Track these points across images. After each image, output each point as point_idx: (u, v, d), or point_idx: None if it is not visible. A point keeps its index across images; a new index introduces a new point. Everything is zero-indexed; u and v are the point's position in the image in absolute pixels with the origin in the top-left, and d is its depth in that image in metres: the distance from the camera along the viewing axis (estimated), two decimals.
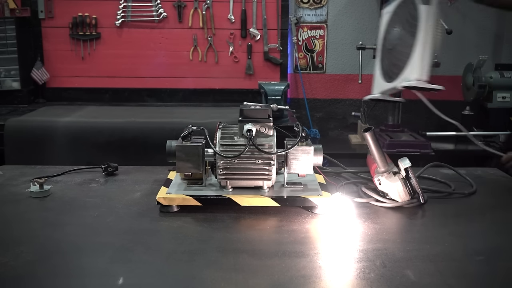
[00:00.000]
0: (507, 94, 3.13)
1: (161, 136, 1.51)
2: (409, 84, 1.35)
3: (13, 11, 3.28)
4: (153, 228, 1.16)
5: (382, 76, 1.51)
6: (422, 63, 1.35)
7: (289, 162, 1.26)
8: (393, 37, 1.47)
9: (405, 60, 1.37)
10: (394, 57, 1.44)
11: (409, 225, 1.22)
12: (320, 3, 3.50)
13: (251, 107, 1.28)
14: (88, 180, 1.49)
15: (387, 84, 1.48)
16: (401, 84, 1.38)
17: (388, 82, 1.47)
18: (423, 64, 1.35)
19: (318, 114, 3.63)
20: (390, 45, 1.48)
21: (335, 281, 0.91)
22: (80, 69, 3.52)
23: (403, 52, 1.39)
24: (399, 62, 1.40)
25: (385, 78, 1.49)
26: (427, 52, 1.36)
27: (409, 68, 1.37)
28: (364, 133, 1.28)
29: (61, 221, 1.19)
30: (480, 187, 1.44)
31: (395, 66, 1.42)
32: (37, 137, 2.59)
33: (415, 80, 1.34)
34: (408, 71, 1.37)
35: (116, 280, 0.90)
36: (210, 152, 1.27)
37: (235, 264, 0.97)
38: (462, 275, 0.95)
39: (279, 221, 1.19)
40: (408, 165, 1.24)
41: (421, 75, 1.34)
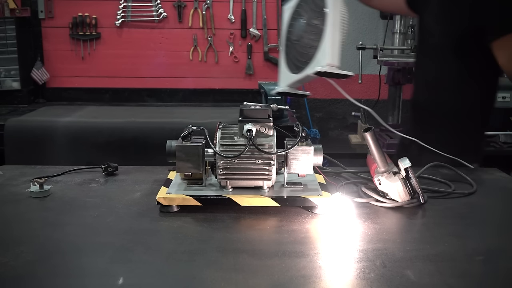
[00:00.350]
0: (507, 94, 3.13)
1: (161, 136, 1.51)
2: (321, 69, 1.32)
3: (13, 11, 3.29)
4: (153, 228, 1.16)
5: (288, 68, 1.49)
6: (333, 48, 1.33)
7: (289, 162, 1.26)
8: (298, 29, 1.45)
9: (315, 47, 1.36)
10: (302, 47, 1.42)
11: (409, 225, 1.22)
12: None
13: (251, 107, 1.28)
14: (88, 180, 1.49)
15: (295, 75, 1.46)
16: (312, 71, 1.35)
17: (297, 74, 1.45)
18: (334, 49, 1.33)
19: (318, 114, 3.63)
20: (296, 36, 1.46)
21: (335, 281, 0.91)
22: (80, 69, 3.52)
23: (312, 40, 1.37)
24: (308, 51, 1.39)
25: (292, 70, 1.47)
26: (337, 37, 1.34)
27: (320, 54, 1.35)
28: (364, 133, 1.28)
29: (61, 221, 1.19)
30: (480, 187, 1.44)
31: (304, 56, 1.40)
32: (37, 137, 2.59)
33: (327, 65, 1.32)
34: (319, 57, 1.35)
35: (116, 280, 0.90)
36: (210, 152, 1.27)
37: (235, 264, 0.97)
38: (462, 275, 0.95)
39: (279, 221, 1.19)
40: (408, 165, 1.24)
41: (333, 60, 1.32)
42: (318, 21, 1.36)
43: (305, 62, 1.40)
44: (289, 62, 1.50)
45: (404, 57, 2.91)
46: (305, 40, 1.41)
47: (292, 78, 1.47)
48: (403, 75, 2.96)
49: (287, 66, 1.50)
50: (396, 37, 2.99)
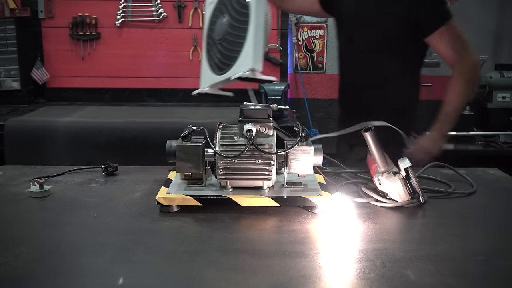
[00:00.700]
0: (507, 94, 3.13)
1: (161, 136, 1.51)
2: (243, 75, 1.28)
3: (13, 11, 3.28)
4: (153, 228, 1.16)
5: (211, 68, 1.43)
6: (255, 53, 1.28)
7: (289, 162, 1.26)
8: (221, 27, 1.39)
9: (237, 50, 1.31)
10: (225, 47, 1.37)
11: (409, 225, 1.22)
12: None
13: (251, 107, 1.28)
14: (88, 180, 1.49)
15: (217, 77, 1.40)
16: (234, 76, 1.31)
17: (219, 75, 1.39)
18: (256, 54, 1.28)
19: (318, 114, 3.63)
20: (219, 35, 1.40)
21: (335, 281, 0.91)
22: (80, 69, 3.52)
23: (234, 42, 1.32)
24: (231, 52, 1.34)
25: (214, 71, 1.42)
26: (260, 41, 1.29)
27: (242, 58, 1.30)
28: (364, 133, 1.28)
29: (61, 221, 1.19)
30: (480, 187, 1.44)
31: (226, 57, 1.36)
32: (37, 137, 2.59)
33: (249, 70, 1.27)
34: (242, 61, 1.30)
35: (116, 280, 0.90)
36: (210, 152, 1.27)
37: (235, 264, 0.97)
38: (462, 275, 0.95)
39: (279, 221, 1.19)
40: (408, 165, 1.24)
41: (255, 65, 1.27)
42: (241, 23, 1.31)
43: (227, 64, 1.35)
44: (211, 61, 1.43)
45: None
46: (228, 40, 1.36)
47: (214, 79, 1.41)
48: None
49: (209, 65, 1.44)
50: None
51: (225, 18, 1.38)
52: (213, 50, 1.43)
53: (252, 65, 1.27)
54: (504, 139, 3.02)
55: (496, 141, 3.03)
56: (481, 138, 3.09)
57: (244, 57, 1.29)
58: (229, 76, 1.34)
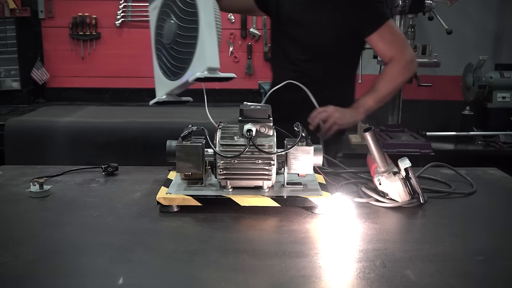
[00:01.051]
0: (507, 94, 3.13)
1: (161, 136, 1.51)
2: (202, 75, 1.23)
3: (13, 11, 3.29)
4: (153, 228, 1.16)
5: (165, 75, 1.38)
6: (210, 51, 1.23)
7: (289, 162, 1.26)
8: (169, 31, 1.35)
9: (190, 51, 1.26)
10: (176, 51, 1.33)
11: (409, 225, 1.22)
12: None
13: (251, 107, 1.28)
14: (88, 180, 1.49)
15: (173, 82, 1.35)
16: (193, 78, 1.26)
17: (175, 80, 1.34)
18: (211, 52, 1.23)
19: None
20: (168, 39, 1.35)
21: (335, 281, 0.91)
22: (80, 69, 3.52)
23: (186, 43, 1.28)
24: (184, 55, 1.29)
25: (169, 77, 1.37)
26: (213, 38, 1.24)
27: (197, 58, 1.25)
28: (364, 133, 1.28)
29: (61, 221, 1.19)
30: (480, 187, 1.44)
31: (180, 61, 1.31)
32: (37, 137, 2.59)
33: (206, 70, 1.23)
34: (197, 62, 1.25)
35: (116, 280, 0.90)
36: (210, 152, 1.27)
37: (235, 264, 0.97)
38: (462, 275, 0.95)
39: (279, 221, 1.19)
40: (408, 165, 1.24)
41: (212, 63, 1.23)
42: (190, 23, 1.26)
43: (182, 67, 1.30)
44: (164, 68, 1.39)
45: None
46: (178, 42, 1.31)
47: (170, 85, 1.36)
48: None
49: (163, 72, 1.39)
50: None
51: (172, 20, 1.33)
52: (165, 56, 1.38)
53: (209, 63, 1.23)
54: (504, 139, 3.02)
55: (496, 141, 3.03)
56: (481, 138, 3.09)
57: (199, 57, 1.25)
58: (186, 80, 1.30)
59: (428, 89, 3.30)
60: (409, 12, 2.86)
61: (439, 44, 3.29)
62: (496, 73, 3.16)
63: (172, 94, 1.39)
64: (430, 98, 3.59)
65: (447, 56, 3.35)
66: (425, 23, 3.20)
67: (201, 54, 1.24)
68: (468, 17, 3.49)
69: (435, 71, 3.24)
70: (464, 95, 3.31)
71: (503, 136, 3.03)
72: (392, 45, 1.78)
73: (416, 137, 2.96)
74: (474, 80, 3.15)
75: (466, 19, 3.48)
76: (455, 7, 3.44)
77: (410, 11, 2.84)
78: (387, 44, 1.77)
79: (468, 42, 3.51)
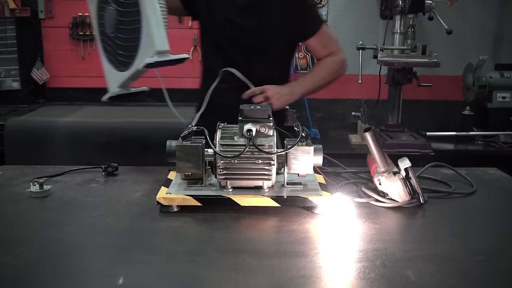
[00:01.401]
0: (507, 94, 3.13)
1: (161, 136, 1.50)
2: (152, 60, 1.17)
3: (13, 11, 3.28)
4: (153, 228, 1.16)
5: (114, 67, 1.31)
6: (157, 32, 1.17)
7: (289, 162, 1.26)
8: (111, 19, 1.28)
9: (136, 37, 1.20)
10: (122, 39, 1.27)
11: (409, 225, 1.22)
12: (320, 3, 3.50)
13: (251, 107, 1.28)
14: (88, 180, 1.49)
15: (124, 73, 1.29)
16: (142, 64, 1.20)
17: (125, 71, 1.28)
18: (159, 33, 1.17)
19: (318, 114, 3.63)
20: (111, 28, 1.29)
21: (335, 281, 0.91)
22: (80, 69, 3.52)
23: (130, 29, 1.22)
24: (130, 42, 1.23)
25: (119, 68, 1.30)
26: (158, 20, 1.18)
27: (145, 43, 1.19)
28: (364, 133, 1.28)
29: (61, 221, 1.19)
30: (480, 187, 1.44)
31: (127, 49, 1.25)
32: (37, 137, 2.59)
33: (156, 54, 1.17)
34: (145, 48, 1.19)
35: (116, 280, 0.90)
36: (210, 152, 1.27)
37: (235, 264, 0.97)
38: (462, 275, 0.95)
39: (279, 221, 1.19)
40: (408, 165, 1.24)
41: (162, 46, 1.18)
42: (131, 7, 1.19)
43: (129, 55, 1.24)
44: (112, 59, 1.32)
45: (404, 57, 2.91)
46: (122, 30, 1.25)
47: (121, 77, 1.29)
48: (403, 75, 2.95)
49: (112, 64, 1.32)
50: (396, 37, 2.98)
51: (112, 7, 1.27)
52: (111, 46, 1.31)
53: (158, 47, 1.18)
54: (504, 139, 3.02)
55: (496, 141, 3.03)
56: (481, 138, 3.08)
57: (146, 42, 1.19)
58: (136, 68, 1.23)
59: (428, 89, 3.30)
60: (409, 12, 2.86)
61: (439, 44, 3.28)
62: (496, 73, 3.16)
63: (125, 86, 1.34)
64: (430, 98, 3.59)
65: (447, 56, 3.35)
66: (425, 23, 3.19)
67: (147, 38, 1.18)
68: (468, 17, 3.49)
69: (435, 71, 3.24)
70: (464, 95, 3.31)
71: (503, 136, 3.03)
72: (329, 44, 1.89)
73: (416, 137, 2.96)
74: (474, 80, 3.15)
75: (466, 19, 3.48)
76: (455, 7, 3.44)
77: (410, 11, 2.84)
78: (323, 45, 1.87)
79: (468, 42, 3.51)
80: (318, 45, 1.87)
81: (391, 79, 2.99)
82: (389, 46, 3.00)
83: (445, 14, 2.97)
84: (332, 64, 1.89)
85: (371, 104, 3.11)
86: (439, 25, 2.81)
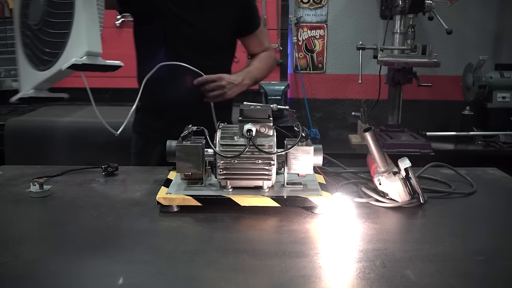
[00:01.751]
0: (507, 94, 3.13)
1: None
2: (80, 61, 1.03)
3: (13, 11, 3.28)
4: (153, 228, 1.16)
5: (32, 64, 1.16)
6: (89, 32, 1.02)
7: (289, 162, 1.26)
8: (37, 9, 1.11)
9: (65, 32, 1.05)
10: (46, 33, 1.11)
11: (409, 225, 1.22)
12: (320, 3, 3.50)
13: (251, 107, 1.28)
14: (88, 180, 1.49)
15: (43, 73, 1.14)
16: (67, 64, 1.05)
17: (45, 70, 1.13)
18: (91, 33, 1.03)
19: (318, 114, 3.63)
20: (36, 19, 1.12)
21: (335, 281, 0.91)
22: None
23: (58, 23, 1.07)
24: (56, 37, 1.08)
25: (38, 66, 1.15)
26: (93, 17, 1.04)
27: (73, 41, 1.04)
28: (364, 133, 1.28)
29: (61, 221, 1.19)
30: (480, 187, 1.44)
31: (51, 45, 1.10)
32: (37, 137, 2.59)
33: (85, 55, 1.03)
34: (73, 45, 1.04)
35: (116, 280, 0.90)
36: (210, 152, 1.27)
37: (235, 264, 0.97)
38: (462, 275, 0.95)
39: (279, 221, 1.19)
40: (408, 165, 1.24)
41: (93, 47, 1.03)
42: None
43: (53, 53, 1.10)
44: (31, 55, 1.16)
45: (404, 57, 2.91)
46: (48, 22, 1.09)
47: (39, 76, 1.14)
48: (403, 75, 2.95)
49: (29, 61, 1.17)
50: (396, 37, 2.98)
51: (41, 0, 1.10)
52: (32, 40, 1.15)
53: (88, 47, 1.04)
54: (504, 139, 3.02)
55: (496, 141, 3.03)
56: (481, 138, 3.09)
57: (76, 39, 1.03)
58: (59, 68, 1.08)
59: (428, 89, 3.30)
60: (409, 12, 2.86)
61: (439, 44, 3.29)
62: (496, 73, 3.16)
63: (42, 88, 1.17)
64: (430, 98, 3.59)
65: (447, 56, 3.35)
66: (425, 23, 3.20)
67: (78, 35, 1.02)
68: (468, 17, 3.49)
69: (435, 71, 3.24)
70: (464, 95, 3.31)
71: (503, 136, 3.03)
72: (265, 40, 2.00)
73: (416, 137, 2.96)
74: (474, 80, 3.15)
75: (466, 19, 3.48)
76: (455, 7, 3.44)
77: (410, 11, 2.84)
78: (261, 41, 1.97)
79: (468, 42, 3.51)
80: (256, 41, 1.95)
81: (391, 79, 2.99)
82: (389, 46, 3.00)
83: (445, 14, 2.97)
84: (268, 59, 1.98)
85: (371, 104, 3.11)
86: (439, 25, 2.81)
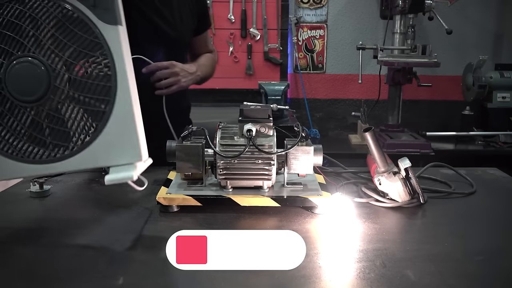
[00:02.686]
0: (507, 94, 3.13)
1: None
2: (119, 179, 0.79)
3: None
4: (153, 228, 1.16)
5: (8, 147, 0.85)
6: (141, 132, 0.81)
7: (289, 162, 1.26)
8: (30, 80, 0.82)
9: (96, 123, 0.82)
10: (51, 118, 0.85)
11: (409, 225, 1.22)
12: (320, 3, 3.50)
13: (251, 107, 1.28)
14: (88, 180, 1.49)
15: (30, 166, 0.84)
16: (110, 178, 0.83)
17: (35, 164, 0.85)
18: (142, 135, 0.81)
19: (318, 114, 3.63)
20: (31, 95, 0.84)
21: (335, 281, 0.91)
22: None
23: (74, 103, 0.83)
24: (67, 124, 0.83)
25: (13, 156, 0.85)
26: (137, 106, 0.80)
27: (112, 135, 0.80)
28: (364, 133, 1.28)
29: (61, 221, 1.19)
30: (480, 187, 1.44)
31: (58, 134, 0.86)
32: None
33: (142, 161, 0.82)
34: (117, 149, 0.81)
35: (116, 280, 0.90)
36: (210, 152, 1.27)
37: None
38: (462, 275, 0.95)
39: (279, 221, 1.19)
40: (408, 165, 1.24)
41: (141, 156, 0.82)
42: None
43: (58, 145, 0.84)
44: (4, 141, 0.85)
45: (404, 57, 2.91)
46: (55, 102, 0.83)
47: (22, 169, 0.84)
48: (403, 75, 2.96)
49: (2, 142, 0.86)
50: (396, 37, 2.98)
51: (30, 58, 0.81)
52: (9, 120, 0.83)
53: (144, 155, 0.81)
54: (504, 139, 3.02)
55: (496, 141, 3.03)
56: (481, 138, 3.09)
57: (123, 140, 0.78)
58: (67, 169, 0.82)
59: (428, 89, 3.30)
60: (409, 12, 2.86)
61: (439, 44, 3.29)
62: (496, 73, 3.16)
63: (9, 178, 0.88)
64: (430, 98, 3.59)
65: (447, 56, 3.35)
66: (425, 23, 3.20)
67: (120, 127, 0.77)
68: (468, 17, 3.49)
69: (435, 71, 3.24)
70: (464, 95, 3.31)
71: (503, 136, 3.03)
72: (209, 42, 2.08)
73: (416, 137, 2.96)
74: (474, 80, 3.15)
75: (466, 19, 3.48)
76: (455, 7, 3.44)
77: (410, 11, 2.84)
78: (207, 42, 2.05)
79: (468, 42, 3.51)
80: (203, 41, 2.02)
81: (391, 79, 2.99)
82: (389, 46, 3.00)
83: (445, 14, 2.97)
84: (212, 61, 2.05)
85: (371, 104, 3.11)
86: (439, 25, 2.81)
